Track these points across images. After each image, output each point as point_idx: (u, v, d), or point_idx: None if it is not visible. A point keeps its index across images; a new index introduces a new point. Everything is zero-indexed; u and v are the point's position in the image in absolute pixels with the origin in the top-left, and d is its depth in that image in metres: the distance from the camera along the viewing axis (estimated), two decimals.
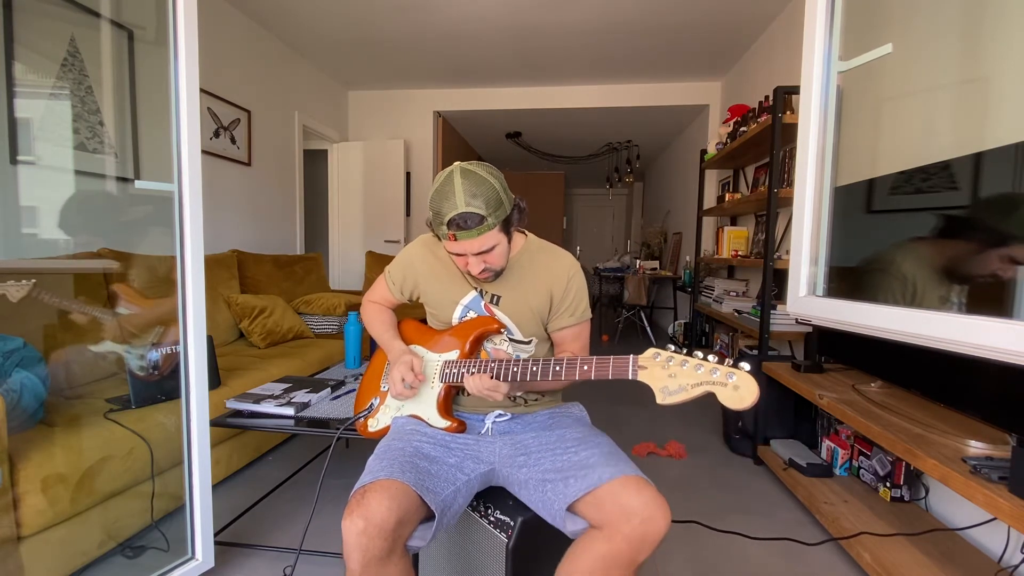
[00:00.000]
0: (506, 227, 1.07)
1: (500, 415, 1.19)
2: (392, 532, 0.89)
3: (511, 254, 1.16)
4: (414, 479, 0.96)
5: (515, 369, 1.03)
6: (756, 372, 2.27)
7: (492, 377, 1.04)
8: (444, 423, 1.15)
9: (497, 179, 1.04)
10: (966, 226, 1.14)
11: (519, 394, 1.22)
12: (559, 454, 1.04)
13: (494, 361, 1.06)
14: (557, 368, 1.00)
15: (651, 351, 0.93)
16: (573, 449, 1.05)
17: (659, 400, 0.88)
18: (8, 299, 1.41)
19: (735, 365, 0.85)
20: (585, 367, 0.98)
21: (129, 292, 1.87)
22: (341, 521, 0.90)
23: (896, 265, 1.28)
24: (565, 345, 1.23)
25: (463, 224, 1.00)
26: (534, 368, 1.02)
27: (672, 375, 0.89)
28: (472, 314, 1.20)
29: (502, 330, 1.17)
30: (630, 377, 0.93)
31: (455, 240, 1.03)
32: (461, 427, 1.15)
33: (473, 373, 1.06)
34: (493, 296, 1.19)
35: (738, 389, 0.83)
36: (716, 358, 0.86)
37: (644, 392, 0.91)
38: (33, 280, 1.45)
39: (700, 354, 0.89)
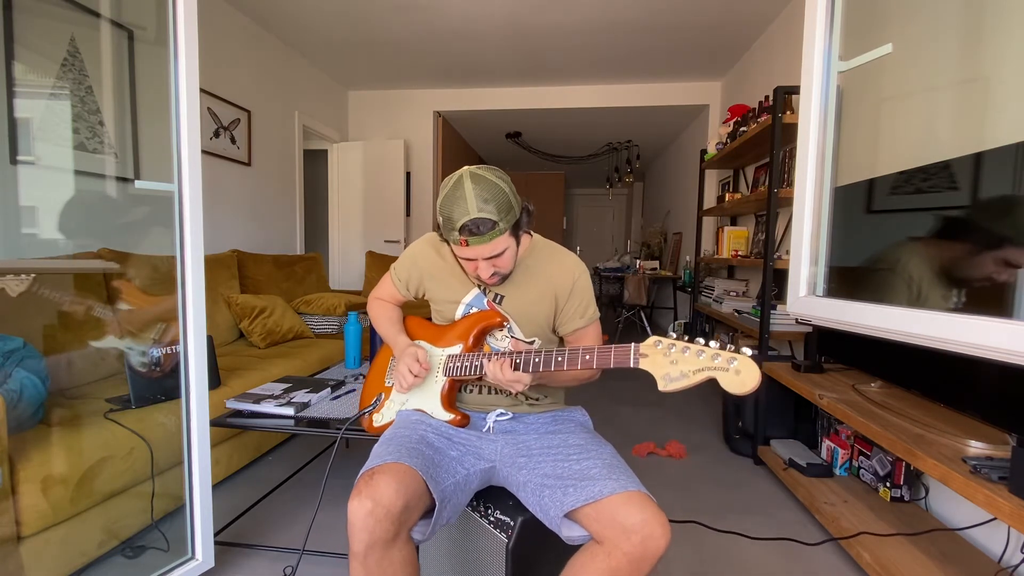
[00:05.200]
0: (516, 231, 1.08)
1: (501, 414, 1.19)
2: (399, 515, 0.90)
3: (518, 254, 1.17)
4: (420, 464, 0.98)
5: (517, 360, 1.04)
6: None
7: (508, 366, 1.04)
8: (447, 416, 1.16)
9: (506, 183, 1.04)
10: (962, 228, 1.14)
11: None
12: (560, 460, 1.04)
13: (501, 354, 1.07)
14: (559, 358, 1.01)
15: (652, 339, 0.94)
16: (575, 457, 1.05)
17: (660, 387, 0.89)
18: (8, 293, 1.40)
19: (736, 350, 0.85)
20: (587, 356, 0.98)
21: (130, 289, 1.87)
22: (348, 502, 0.91)
23: (902, 265, 1.28)
24: (580, 346, 1.23)
25: (475, 230, 1.00)
26: (536, 359, 1.03)
27: (673, 362, 0.89)
28: (475, 311, 1.21)
29: (505, 324, 1.18)
30: (631, 365, 0.94)
31: (467, 245, 1.03)
32: (464, 420, 1.16)
33: (494, 357, 1.06)
34: (496, 295, 1.20)
35: (739, 374, 0.83)
36: (717, 344, 0.87)
37: (645, 392, 0.91)
38: (32, 275, 1.45)
39: (702, 340, 0.89)
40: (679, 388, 0.88)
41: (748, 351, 0.84)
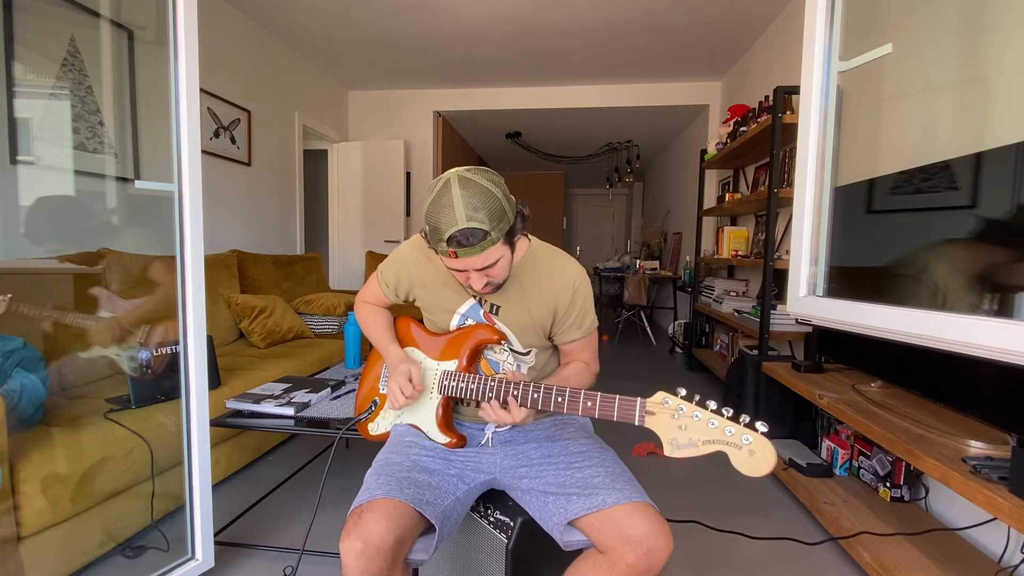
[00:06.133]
0: (510, 238, 0.99)
1: (500, 424, 1.15)
2: (391, 552, 0.88)
3: (514, 260, 1.10)
4: (412, 495, 0.94)
5: (515, 393, 0.99)
6: (757, 373, 2.28)
7: (500, 401, 1.01)
8: (444, 439, 1.12)
9: (499, 187, 0.95)
10: (1012, 233, 1.06)
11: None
12: (562, 468, 1.03)
13: (493, 379, 1.03)
14: (559, 399, 0.96)
15: (660, 395, 0.88)
16: (577, 465, 1.03)
17: (667, 452, 0.84)
18: None
19: (750, 425, 0.80)
20: (589, 403, 0.93)
21: (107, 295, 1.86)
22: (339, 542, 0.89)
23: (929, 273, 1.24)
24: (575, 355, 1.20)
25: (464, 241, 0.92)
26: (535, 395, 0.98)
27: (682, 427, 0.84)
28: (471, 322, 1.16)
29: (503, 341, 1.13)
30: (636, 423, 0.88)
31: (456, 257, 0.95)
32: (461, 442, 1.12)
33: (489, 400, 1.02)
34: (493, 306, 1.13)
35: (754, 455, 0.77)
36: (728, 413, 0.81)
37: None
38: (9, 296, 1.47)
39: (713, 404, 0.83)
40: (688, 456, 0.82)
41: (762, 427, 0.79)
